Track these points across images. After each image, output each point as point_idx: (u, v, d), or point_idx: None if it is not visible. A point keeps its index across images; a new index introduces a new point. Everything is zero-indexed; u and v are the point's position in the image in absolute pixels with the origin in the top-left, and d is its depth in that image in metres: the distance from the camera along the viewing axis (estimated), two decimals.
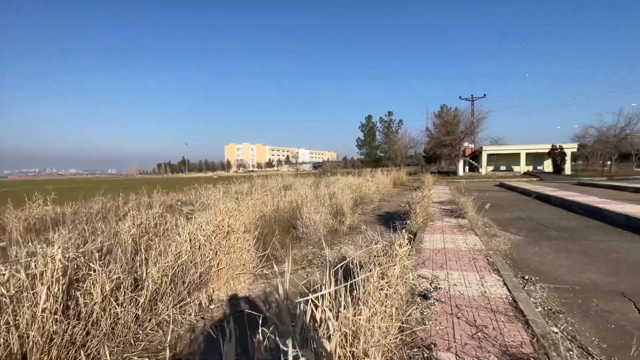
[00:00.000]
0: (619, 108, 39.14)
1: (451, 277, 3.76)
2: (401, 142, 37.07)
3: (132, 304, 2.81)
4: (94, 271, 2.68)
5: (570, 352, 2.46)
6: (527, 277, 4.04)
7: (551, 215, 8.69)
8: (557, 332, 2.75)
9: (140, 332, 2.80)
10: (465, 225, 6.69)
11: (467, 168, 35.67)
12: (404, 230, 3.74)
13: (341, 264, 2.18)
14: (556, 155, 30.42)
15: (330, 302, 1.89)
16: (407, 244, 3.54)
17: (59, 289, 2.41)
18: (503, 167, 36.64)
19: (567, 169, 31.07)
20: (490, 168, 35.73)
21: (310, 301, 1.97)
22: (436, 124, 35.50)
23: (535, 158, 35.53)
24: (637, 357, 2.37)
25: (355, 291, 2.33)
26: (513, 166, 35.89)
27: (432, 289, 3.41)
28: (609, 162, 31.48)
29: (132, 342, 2.70)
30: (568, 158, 31.00)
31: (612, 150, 30.02)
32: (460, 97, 37.52)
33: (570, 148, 31.50)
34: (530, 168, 35.21)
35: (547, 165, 33.48)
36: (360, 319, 1.87)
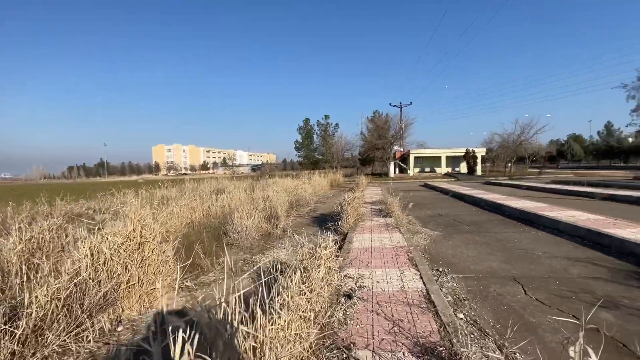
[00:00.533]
0: (516, 119, 46.10)
1: (375, 275, 3.94)
2: (338, 145, 38.39)
3: (7, 338, 2.32)
4: None
5: (472, 335, 2.74)
6: (440, 270, 4.44)
7: (464, 212, 9.80)
8: (462, 318, 3.06)
9: None
10: (391, 224, 7.14)
11: (397, 170, 38.44)
12: (329, 233, 3.81)
13: (267, 271, 2.09)
14: (469, 158, 34.59)
15: (241, 313, 1.80)
16: (333, 245, 3.60)
17: None
18: (427, 169, 40.39)
19: (478, 170, 35.52)
20: (417, 169, 39.06)
21: (230, 313, 1.86)
22: (369, 128, 37.61)
23: (453, 160, 39.89)
24: (518, 332, 2.76)
25: (276, 298, 2.26)
26: (436, 168, 39.81)
27: (356, 288, 3.52)
28: (509, 164, 36.89)
29: None
30: (479, 161, 35.47)
31: (512, 153, 35.27)
32: (390, 104, 40.50)
33: (480, 152, 36.09)
34: (450, 169, 39.44)
35: (463, 167, 37.82)
36: (273, 329, 1.81)
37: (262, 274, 4.79)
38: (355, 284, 3.65)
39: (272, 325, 1.83)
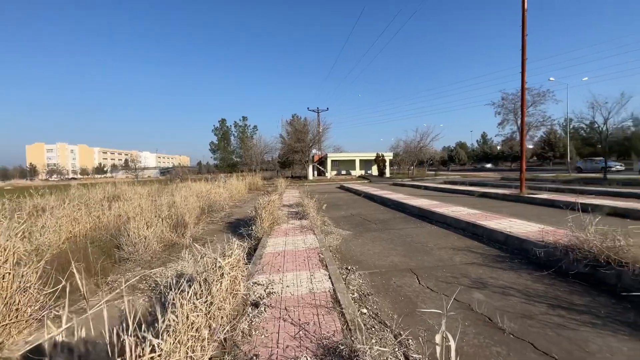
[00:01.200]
0: (417, 127, 52.50)
1: (286, 279, 3.88)
2: (257, 148, 37.60)
3: None
4: None
5: (373, 329, 2.90)
6: (349, 268, 4.65)
7: (374, 211, 10.59)
8: (365, 313, 3.22)
9: None
10: (306, 226, 7.23)
11: (316, 172, 39.65)
12: (234, 240, 3.60)
13: (168, 286, 1.80)
14: (380, 161, 37.89)
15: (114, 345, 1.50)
16: (240, 253, 3.40)
17: None
18: (344, 171, 42.75)
19: (387, 172, 39.15)
20: (334, 172, 41.00)
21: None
22: (289, 131, 37.89)
23: (366, 164, 43.13)
24: (411, 318, 3.04)
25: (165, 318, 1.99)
26: (351, 170, 42.43)
27: (265, 295, 3.40)
28: (412, 167, 41.68)
29: None
30: (387, 164, 39.13)
31: (414, 158, 39.95)
32: (308, 108, 41.64)
33: (388, 156, 39.88)
34: (364, 172, 42.50)
35: (374, 170, 41.22)
36: (154, 356, 1.56)
37: (159, 290, 4.27)
38: (265, 290, 3.53)
39: (151, 355, 1.58)
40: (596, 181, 15.99)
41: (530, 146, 49.17)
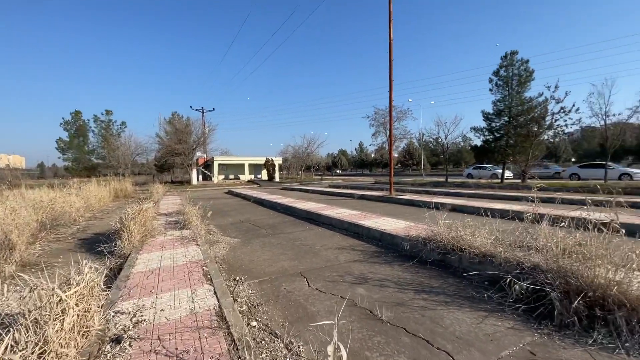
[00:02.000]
0: (304, 134, 55.09)
1: (160, 302, 3.30)
2: (125, 148, 31.99)
3: None
4: None
5: (263, 342, 2.73)
6: (237, 279, 4.34)
7: (263, 216, 10.40)
8: (255, 326, 3.02)
9: None
10: (188, 237, 6.47)
11: (200, 177, 36.64)
12: (87, 262, 2.86)
13: None
14: (269, 166, 37.98)
15: None
16: (95, 277, 2.71)
17: None
18: (232, 176, 41.07)
19: (277, 177, 39.60)
20: (222, 177, 38.88)
21: None
22: (168, 131, 33.79)
23: (256, 168, 42.59)
24: (302, 323, 3.02)
25: None
26: (240, 175, 41.13)
27: (131, 326, 2.78)
28: (300, 172, 43.40)
29: None
30: (277, 168, 39.60)
31: (302, 163, 41.71)
32: (191, 107, 38.20)
33: (278, 161, 40.48)
34: (253, 176, 41.80)
35: (264, 174, 41.06)
36: None
37: None
38: (132, 320, 2.90)
39: None
40: (440, 184, 20.15)
41: (396, 155, 58.44)
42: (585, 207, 3.45)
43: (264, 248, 6.10)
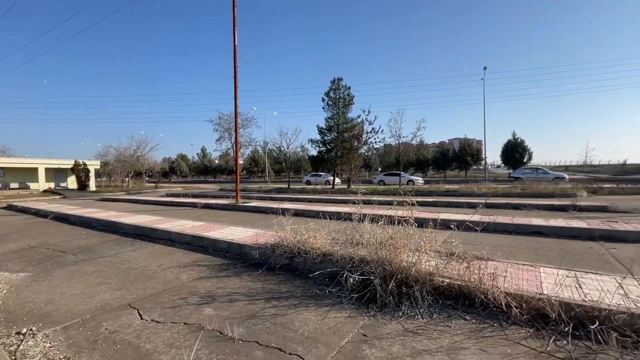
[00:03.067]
0: (132, 134, 46.75)
1: None
2: None
3: None
4: None
5: None
6: (24, 331, 3.08)
7: (70, 237, 7.99)
8: None
9: None
10: None
11: None
12: None
13: None
14: (80, 171, 29.97)
15: None
16: None
17: None
18: (17, 184, 29.89)
19: (92, 185, 31.70)
20: None
21: None
22: None
23: (57, 174, 32.67)
24: None
25: None
26: (30, 183, 30.41)
27: None
28: (127, 179, 36.36)
29: None
30: (92, 174, 31.70)
31: (129, 168, 35.02)
32: None
33: (94, 165, 32.49)
34: (52, 185, 31.80)
35: (72, 182, 32.03)
36: None
37: None
38: None
39: None
40: (284, 190, 21.52)
41: (241, 161, 58.30)
42: (392, 207, 4.43)
43: (71, 280, 4.65)
